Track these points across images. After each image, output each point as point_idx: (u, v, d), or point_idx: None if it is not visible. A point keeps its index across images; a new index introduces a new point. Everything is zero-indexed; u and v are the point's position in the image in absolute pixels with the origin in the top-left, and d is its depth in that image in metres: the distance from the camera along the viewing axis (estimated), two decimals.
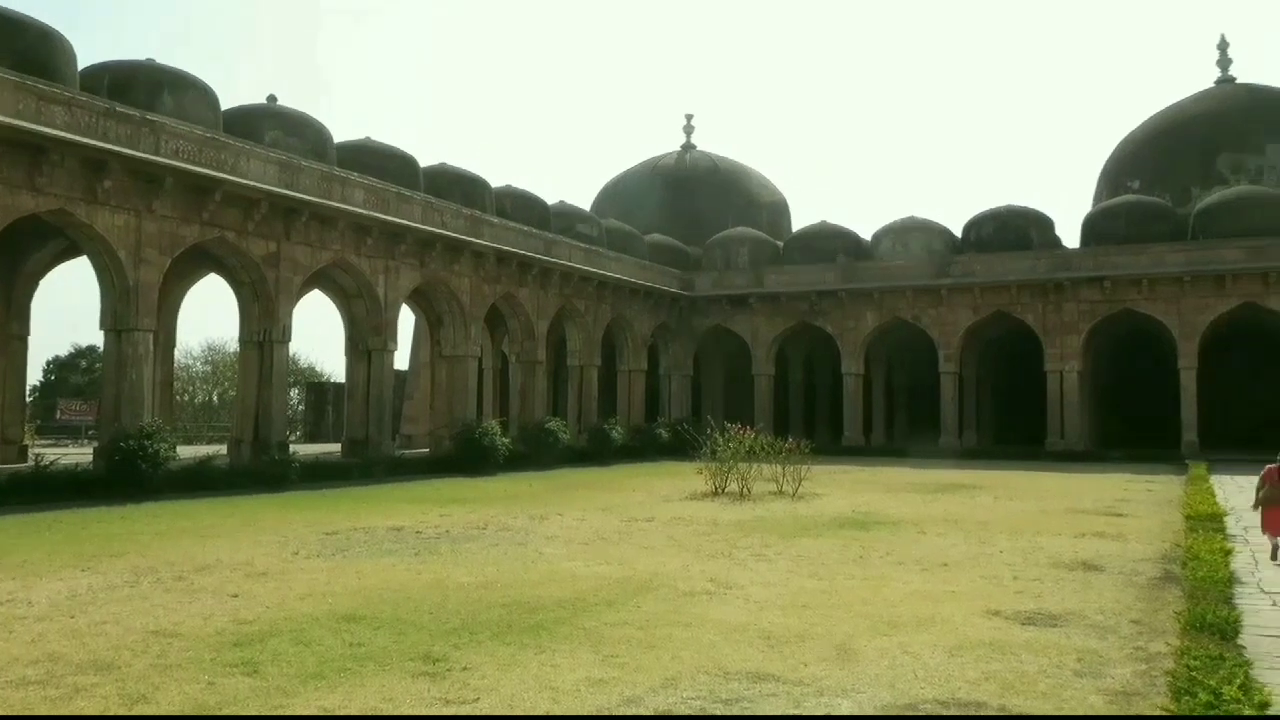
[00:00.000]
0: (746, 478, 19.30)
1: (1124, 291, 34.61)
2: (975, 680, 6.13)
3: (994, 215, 39.58)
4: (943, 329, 37.14)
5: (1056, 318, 35.55)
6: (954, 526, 14.21)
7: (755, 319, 40.05)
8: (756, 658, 6.68)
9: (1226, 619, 6.80)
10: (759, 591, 9.07)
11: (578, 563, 10.78)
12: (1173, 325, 33.96)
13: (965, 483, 22.47)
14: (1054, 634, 7.39)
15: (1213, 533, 11.51)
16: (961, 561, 10.94)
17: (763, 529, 13.83)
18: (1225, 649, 6.00)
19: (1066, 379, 35.25)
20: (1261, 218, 34.58)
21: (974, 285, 36.53)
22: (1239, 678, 5.14)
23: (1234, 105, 46.07)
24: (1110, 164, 49.37)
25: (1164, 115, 48.35)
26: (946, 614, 8.08)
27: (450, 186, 30.19)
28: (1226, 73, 49.22)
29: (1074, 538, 12.98)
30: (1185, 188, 42.32)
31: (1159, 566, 10.65)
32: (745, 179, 52.89)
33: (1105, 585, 9.50)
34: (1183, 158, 44.33)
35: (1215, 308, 33.50)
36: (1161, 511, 16.44)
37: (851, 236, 41.78)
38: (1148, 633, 7.46)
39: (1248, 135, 44.05)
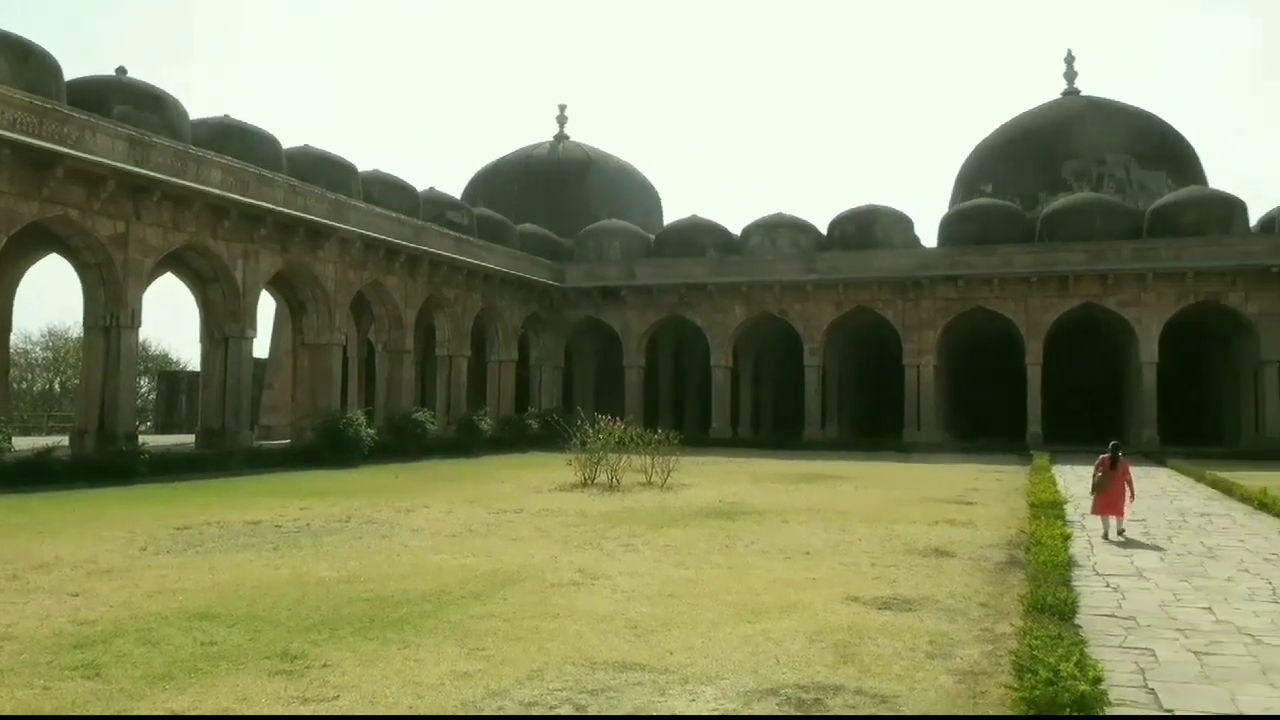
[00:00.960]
0: (616, 469, 19.38)
1: (977, 290, 36.22)
2: (834, 664, 6.32)
3: (858, 214, 40.82)
4: (808, 324, 38.11)
5: (914, 314, 36.94)
6: (816, 516, 14.61)
7: (627, 311, 40.26)
8: (623, 647, 6.71)
9: (1065, 600, 7.20)
10: (627, 582, 9.12)
11: (444, 555, 10.62)
12: (1020, 323, 35.74)
13: (827, 473, 23.14)
14: (908, 618, 7.68)
15: (1053, 519, 12.16)
16: (822, 549, 11.25)
17: (631, 520, 13.92)
18: (1064, 629, 6.35)
19: (923, 373, 36.69)
20: (1101, 223, 36.73)
21: (838, 281, 37.60)
22: (1075, 655, 5.44)
23: (1078, 116, 48.80)
24: (965, 168, 51.61)
25: (1015, 123, 50.83)
26: (808, 600, 8.30)
27: (315, 169, 29.24)
28: (1072, 85, 52.08)
29: (928, 525, 13.52)
30: (1034, 193, 44.61)
31: (1005, 552, 11.19)
32: (618, 171, 53.08)
33: (956, 570, 9.92)
34: (1031, 164, 46.72)
35: (1059, 307, 35.41)
36: (1008, 500, 17.29)
37: (722, 231, 42.42)
38: (994, 615, 7.83)
39: (1090, 144, 46.74)
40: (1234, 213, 36.27)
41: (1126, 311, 34.59)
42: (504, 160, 53.29)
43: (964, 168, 51.80)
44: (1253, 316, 33.33)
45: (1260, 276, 33.05)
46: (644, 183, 54.51)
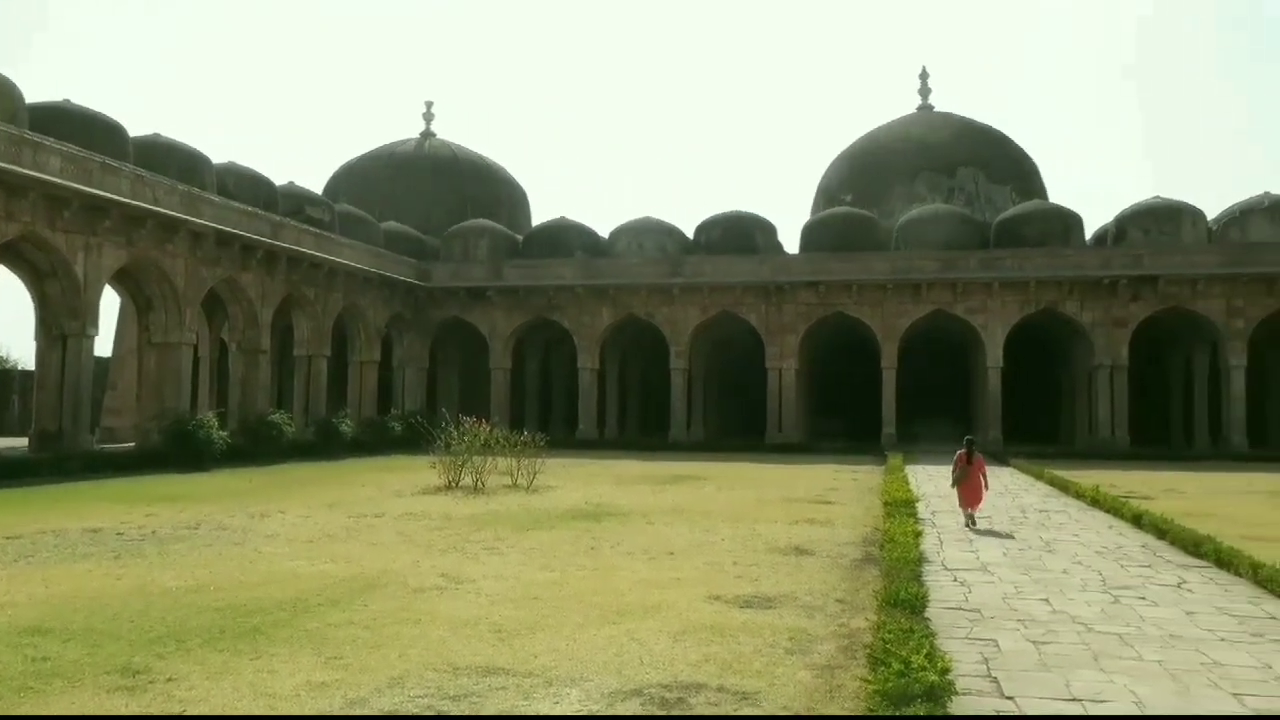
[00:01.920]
0: (481, 472, 19.16)
1: (836, 296, 37.36)
2: (697, 662, 6.40)
3: (723, 219, 41.57)
4: (674, 327, 38.55)
5: (777, 318, 37.83)
6: (680, 516, 14.78)
7: (493, 312, 39.87)
8: (487, 651, 6.63)
9: (916, 595, 7.48)
10: (491, 585, 9.02)
11: (300, 562, 10.28)
12: (877, 328, 37.05)
13: (692, 474, 23.45)
14: (769, 615, 7.85)
15: (906, 517, 12.63)
16: (686, 550, 11.39)
17: (496, 522, 13.78)
18: (915, 622, 6.59)
19: (785, 376, 37.61)
20: (952, 233, 38.47)
21: (704, 285, 38.17)
22: (925, 647, 5.67)
23: (932, 130, 51.05)
24: (826, 178, 53.27)
25: (873, 135, 52.77)
26: (672, 600, 8.38)
27: (165, 159, 27.88)
28: (927, 100, 54.45)
29: (788, 524, 13.85)
30: (891, 203, 46.39)
31: (861, 549, 11.57)
32: (486, 170, 52.55)
33: (815, 568, 10.20)
34: (888, 175, 48.61)
35: (913, 313, 36.88)
36: (864, 499, 17.88)
37: (590, 234, 42.51)
38: (850, 610, 8.08)
39: (943, 158, 48.95)
40: (1071, 226, 38.52)
41: (974, 318, 36.29)
42: (368, 156, 52.07)
43: (825, 177, 53.43)
44: (1087, 324, 35.46)
45: (1093, 287, 35.20)
46: (512, 183, 54.14)
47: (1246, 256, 34.53)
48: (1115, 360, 35.17)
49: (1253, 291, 34.22)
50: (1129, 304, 35.17)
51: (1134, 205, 38.43)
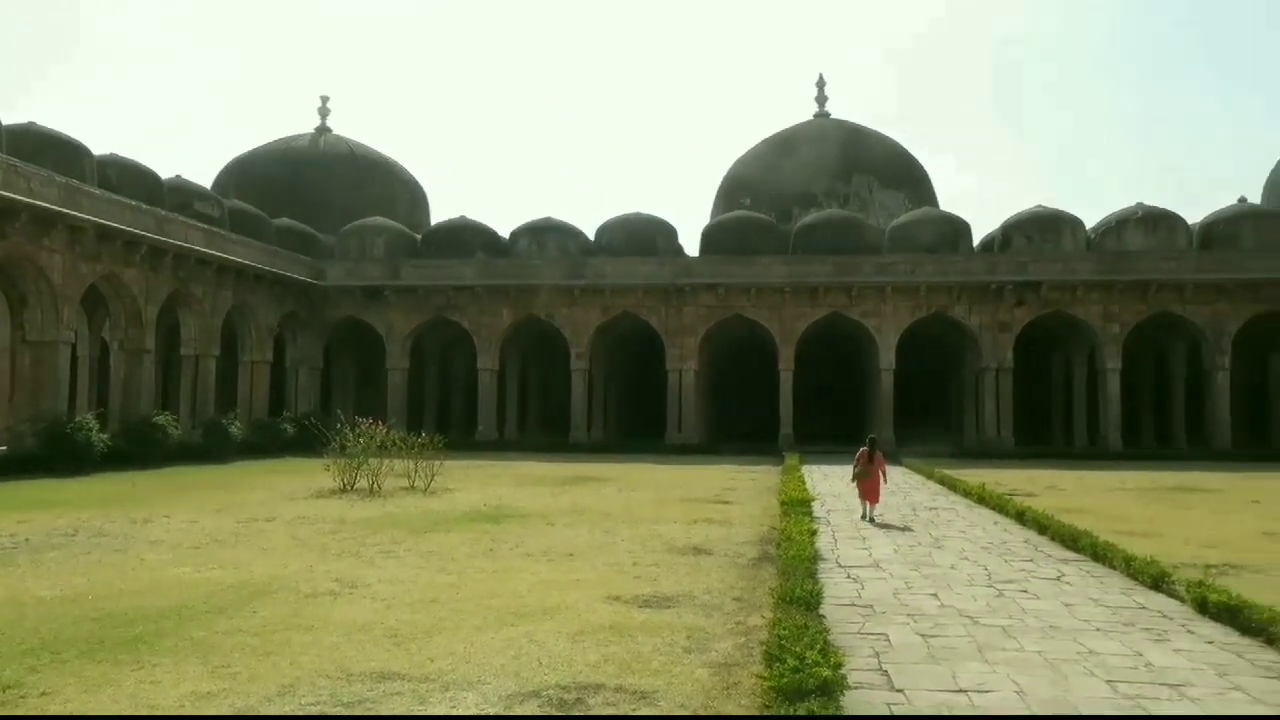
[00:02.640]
0: (377, 474, 18.80)
1: (736, 298, 37.84)
2: (595, 663, 6.40)
3: (625, 221, 41.72)
4: (575, 328, 38.50)
5: (677, 320, 38.12)
6: (580, 517, 14.77)
7: (391, 312, 39.18)
8: (382, 657, 6.52)
9: (810, 592, 7.63)
10: (387, 589, 8.86)
11: (186, 568, 9.93)
12: (775, 330, 37.66)
13: (592, 475, 23.45)
14: (668, 614, 7.90)
15: (802, 516, 12.87)
16: (586, 551, 11.38)
17: (393, 525, 13.55)
18: (809, 619, 6.72)
19: (685, 377, 37.93)
20: (847, 239, 39.35)
21: (605, 287, 38.22)
22: (819, 643, 5.78)
23: (829, 137, 52.22)
24: (726, 181, 53.95)
25: (773, 141, 53.66)
26: (571, 601, 8.37)
27: (41, 150, 26.61)
28: (824, 108, 55.63)
29: (687, 524, 13.97)
30: (788, 208, 47.21)
31: (758, 548, 11.74)
32: (384, 168, 51.65)
33: (713, 567, 10.30)
34: (786, 180, 49.49)
35: (810, 316, 37.60)
36: (762, 499, 18.15)
37: (490, 233, 42.17)
38: (747, 608, 8.19)
39: (839, 165, 50.10)
40: (960, 233, 39.82)
41: (868, 321, 37.20)
42: (260, 151, 50.59)
43: (725, 181, 54.10)
44: (975, 328, 36.71)
45: (981, 292, 36.46)
46: (411, 181, 53.33)
47: (1121, 264, 36.22)
48: (1001, 363, 36.48)
49: (1127, 298, 35.92)
50: (1014, 309, 36.53)
51: (1019, 214, 39.93)
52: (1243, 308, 35.40)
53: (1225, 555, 11.25)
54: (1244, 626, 7.26)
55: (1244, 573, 10.09)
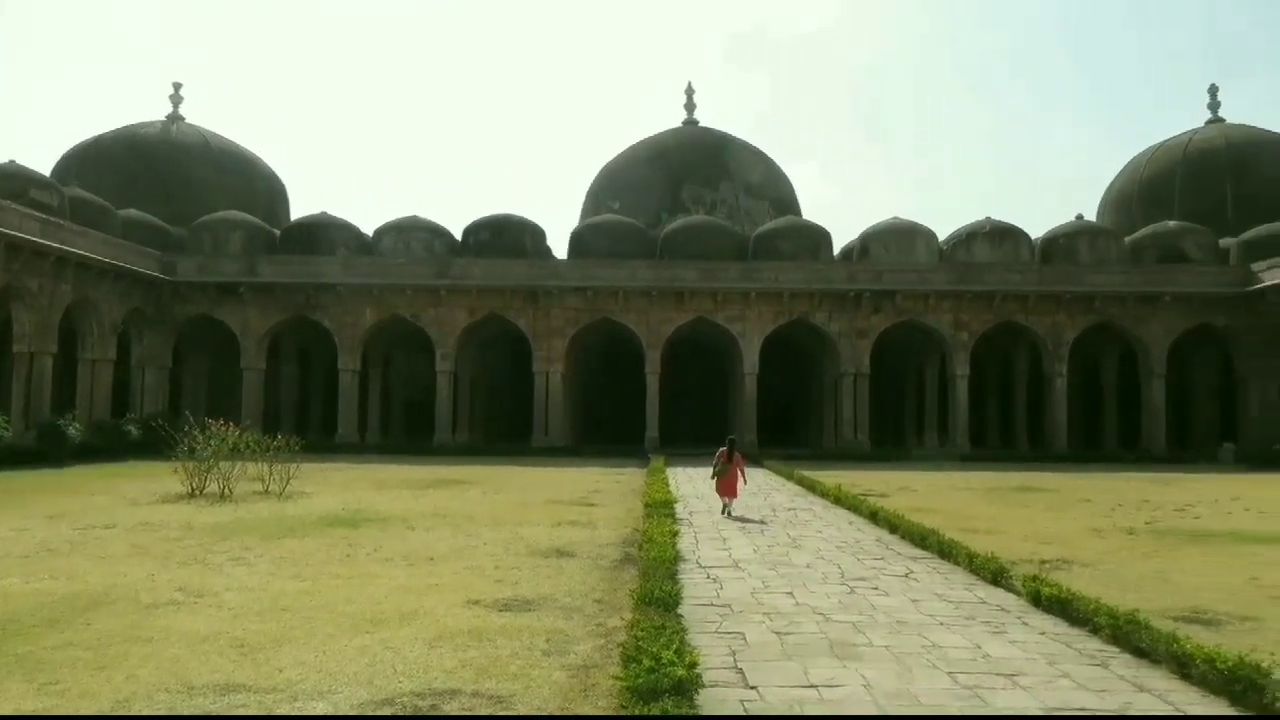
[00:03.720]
0: (229, 478, 18.06)
1: (604, 302, 37.97)
2: (452, 668, 6.31)
3: (493, 221, 41.32)
4: (441, 329, 37.90)
5: (545, 322, 37.98)
6: (442, 521, 14.54)
7: (246, 310, 37.71)
8: (227, 668, 6.26)
9: (669, 593, 7.71)
10: (235, 598, 8.52)
11: (13, 580, 9.32)
12: (642, 334, 37.94)
13: (457, 478, 23.12)
14: (528, 618, 7.85)
15: (665, 518, 13.00)
16: (447, 555, 11.21)
17: (244, 531, 13.04)
18: (667, 619, 6.79)
19: (552, 380, 37.82)
20: (714, 244, 40.00)
21: (472, 288, 37.75)
22: (675, 643, 5.85)
23: (697, 144, 53.01)
24: (596, 184, 54.13)
25: (642, 145, 54.13)
26: (429, 607, 8.23)
27: None
28: (692, 115, 56.43)
29: (551, 527, 13.93)
30: (657, 212, 47.70)
31: (621, 550, 11.79)
32: (241, 159, 49.70)
33: (575, 570, 10.30)
34: (655, 186, 50.00)
35: (676, 320, 38.03)
36: (626, 501, 18.25)
37: (353, 230, 41.10)
38: (608, 610, 8.22)
39: (706, 172, 50.93)
40: (821, 242, 40.99)
41: (733, 326, 37.90)
42: (106, 138, 47.86)
43: (594, 185, 54.28)
44: (834, 334, 37.85)
45: (840, 299, 37.63)
46: (269, 174, 51.49)
47: (970, 275, 37.97)
48: (859, 368, 37.72)
49: (975, 307, 37.68)
50: (871, 316, 37.83)
51: (877, 225, 41.36)
52: (1079, 318, 37.63)
53: (1059, 551, 11.92)
54: (1073, 617, 7.70)
55: (1074, 567, 10.71)
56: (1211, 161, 47.78)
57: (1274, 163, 47.02)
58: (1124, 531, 14.09)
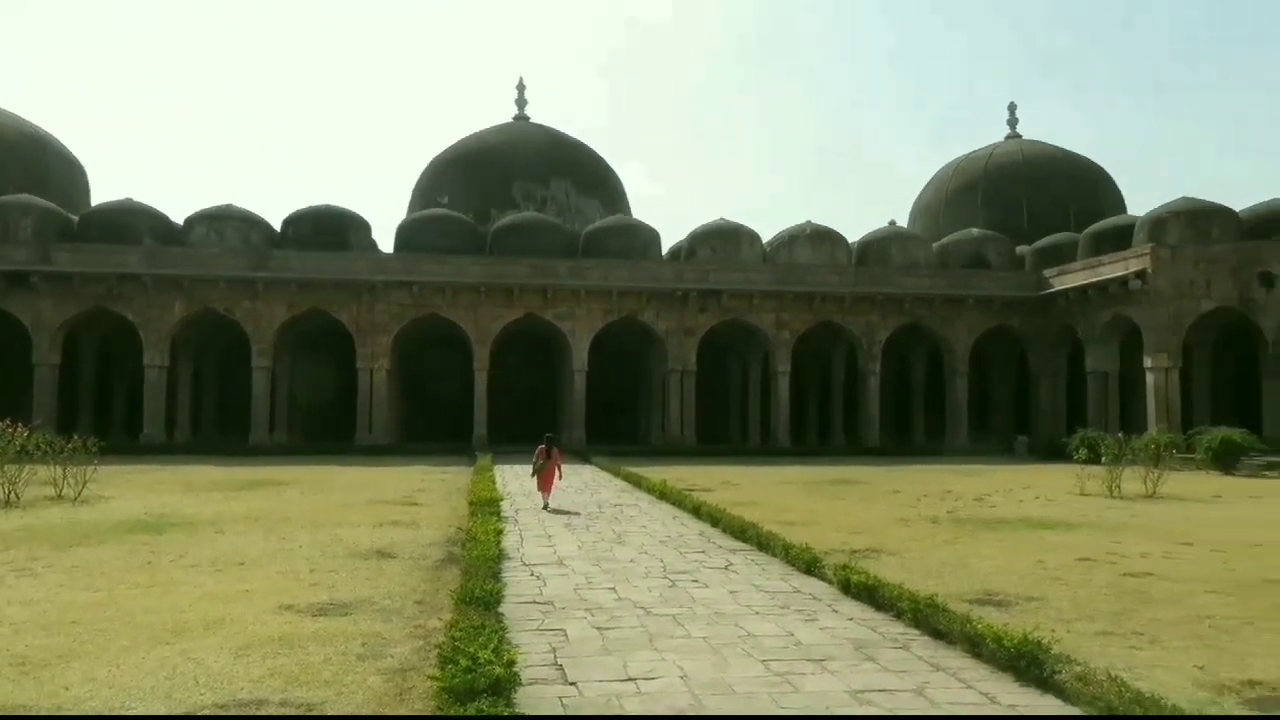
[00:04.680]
0: (15, 482, 16.70)
1: (431, 297, 37.25)
2: (259, 678, 6.04)
3: (314, 213, 39.84)
4: (258, 324, 36.28)
5: (369, 318, 36.95)
6: (255, 524, 13.91)
7: (40, 301, 34.98)
8: (5, 689, 5.78)
9: (491, 591, 7.64)
10: (18, 612, 7.89)
11: None
12: (471, 330, 37.45)
13: (273, 479, 22.18)
14: (343, 622, 7.61)
15: (490, 516, 12.88)
16: (259, 559, 10.74)
17: (31, 539, 12.08)
18: (487, 618, 6.72)
19: (376, 376, 36.83)
20: (544, 241, 39.92)
21: (291, 281, 36.30)
22: (494, 642, 5.79)
23: (528, 140, 52.75)
24: (424, 178, 53.05)
25: (472, 140, 53.42)
26: (238, 614, 7.85)
27: None
28: (523, 111, 56.12)
29: (373, 528, 13.55)
30: (487, 208, 47.17)
31: (444, 550, 11.59)
32: (34, 140, 46.03)
33: (396, 571, 10.06)
34: (485, 181, 49.45)
35: (505, 316, 37.73)
36: (452, 499, 17.96)
37: (161, 218, 38.76)
38: (429, 611, 8.06)
39: (538, 168, 50.74)
40: (650, 241, 41.55)
41: (563, 323, 37.93)
42: None
43: (423, 178, 53.19)
44: (662, 332, 38.47)
45: (668, 298, 38.26)
46: (68, 157, 47.95)
47: (792, 276, 39.36)
48: (685, 365, 38.46)
49: (796, 307, 39.09)
50: (698, 314, 38.63)
51: (704, 225, 42.23)
52: (891, 318, 39.62)
53: (869, 540, 12.50)
54: (879, 603, 8.10)
55: (883, 555, 11.27)
56: (1010, 174, 51.32)
57: (1063, 178, 50.99)
58: (928, 520, 14.92)
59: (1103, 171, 53.47)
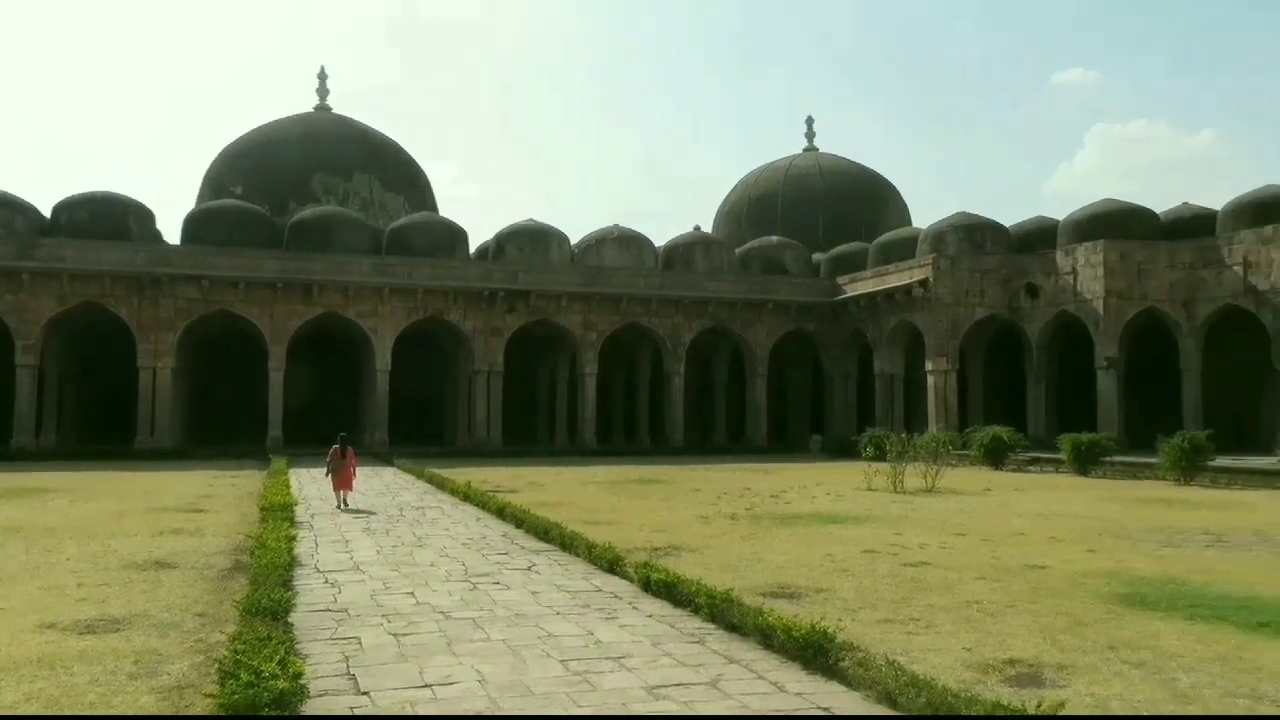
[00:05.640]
0: None
1: (222, 293, 35.28)
2: (15, 703, 5.53)
3: (91, 199, 37.03)
4: (23, 317, 33.31)
5: (153, 313, 34.63)
6: (15, 535, 12.73)
7: None
8: None
9: (280, 601, 7.29)
10: None
11: None
12: (265, 328, 35.73)
13: (38, 486, 20.38)
14: (114, 639, 7.07)
15: (282, 521, 12.29)
16: (18, 574, 9.83)
17: None
18: (274, 629, 6.40)
19: (160, 375, 34.57)
20: (346, 237, 38.62)
21: (63, 272, 33.55)
22: (279, 654, 5.51)
23: (330, 132, 50.86)
24: (215, 167, 50.25)
25: (269, 129, 51.02)
26: None
27: None
28: (325, 101, 54.09)
29: (151, 537, 12.67)
30: (284, 200, 45.19)
31: (231, 558, 10.98)
32: None
33: (176, 582, 9.44)
34: (283, 172, 47.32)
35: (304, 314, 36.21)
36: (242, 505, 17.05)
37: None
38: (211, 624, 7.60)
39: (340, 162, 49.00)
40: (458, 240, 40.94)
41: (365, 322, 36.79)
42: None
43: (213, 167, 50.42)
44: (469, 332, 37.96)
45: (476, 298, 37.80)
46: None
47: (600, 279, 39.71)
48: (493, 366, 38.11)
49: (604, 309, 39.46)
50: (505, 315, 38.36)
51: (512, 225, 42.01)
52: (695, 321, 40.66)
53: (670, 538, 12.74)
54: (677, 600, 8.25)
55: (683, 552, 11.50)
56: (807, 185, 53.75)
57: (855, 190, 53.88)
58: (727, 517, 15.36)
59: (891, 185, 56.81)
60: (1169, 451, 22.92)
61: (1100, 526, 14.10)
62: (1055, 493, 20.49)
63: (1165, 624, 7.61)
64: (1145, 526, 14.18)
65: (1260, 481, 21.81)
